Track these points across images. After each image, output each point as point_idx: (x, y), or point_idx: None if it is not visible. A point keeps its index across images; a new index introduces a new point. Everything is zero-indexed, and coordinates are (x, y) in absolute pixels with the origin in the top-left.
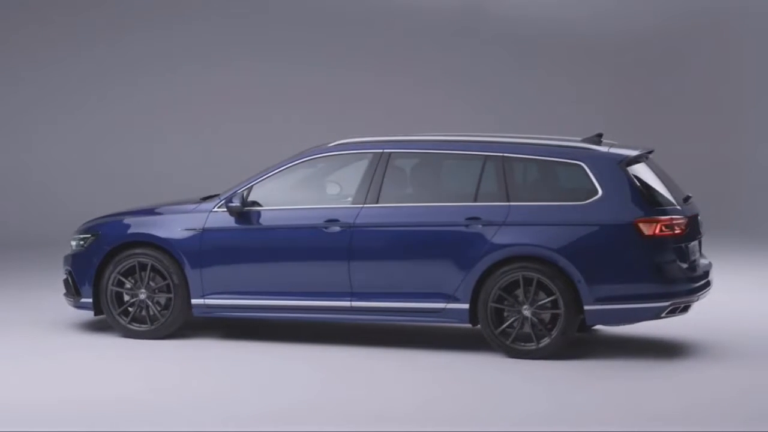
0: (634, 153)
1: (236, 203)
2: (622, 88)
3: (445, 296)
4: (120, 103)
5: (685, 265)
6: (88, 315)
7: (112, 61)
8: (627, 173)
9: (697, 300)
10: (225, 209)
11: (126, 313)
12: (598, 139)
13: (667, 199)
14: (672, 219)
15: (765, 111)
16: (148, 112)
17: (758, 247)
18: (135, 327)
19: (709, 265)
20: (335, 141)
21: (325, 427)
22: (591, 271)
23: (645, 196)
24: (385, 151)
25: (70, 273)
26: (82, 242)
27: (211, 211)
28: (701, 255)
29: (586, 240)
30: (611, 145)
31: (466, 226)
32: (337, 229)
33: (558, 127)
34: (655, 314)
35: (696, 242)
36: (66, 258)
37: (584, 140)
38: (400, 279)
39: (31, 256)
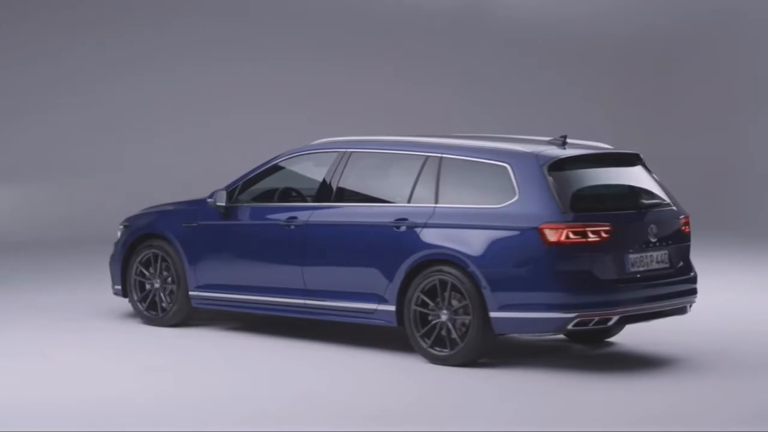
0: (570, 154)
1: (212, 199)
2: (622, 89)
3: (377, 297)
4: (119, 100)
5: (611, 276)
6: (86, 314)
7: (108, 58)
8: (546, 176)
9: (625, 313)
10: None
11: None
12: (561, 140)
13: (604, 204)
14: (586, 225)
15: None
16: (148, 110)
17: (755, 248)
18: (148, 314)
19: (692, 274)
20: (317, 140)
21: (312, 428)
22: (496, 277)
23: (562, 200)
24: (346, 150)
25: (109, 262)
26: (119, 233)
27: (206, 207)
28: (684, 264)
29: (494, 245)
30: (572, 146)
31: (397, 227)
32: (292, 227)
33: (557, 127)
34: (560, 326)
35: (656, 252)
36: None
37: (550, 141)
38: (339, 279)
39: (31, 256)
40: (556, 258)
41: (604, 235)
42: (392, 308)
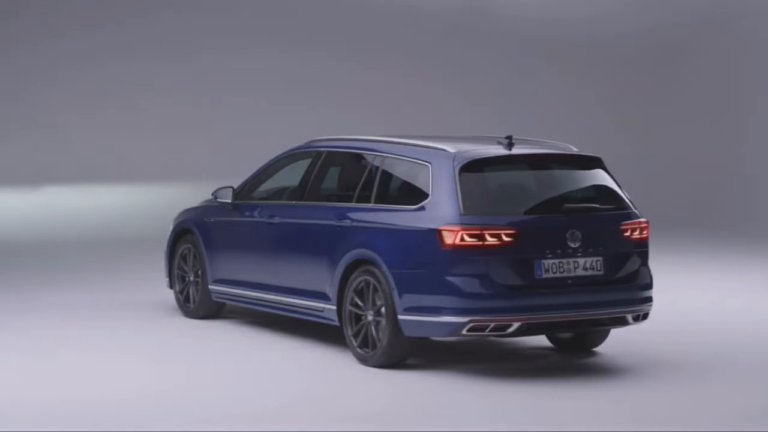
0: (494, 154)
1: (213, 196)
2: (622, 89)
3: (324, 296)
4: (120, 94)
5: (515, 281)
6: (83, 314)
7: (104, 43)
8: (456, 176)
9: (528, 320)
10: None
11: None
12: (507, 140)
13: (520, 208)
14: (483, 228)
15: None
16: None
17: (751, 248)
18: (184, 307)
19: (638, 282)
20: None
21: (308, 428)
22: (402, 279)
23: (468, 202)
24: (320, 149)
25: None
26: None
27: (223, 204)
28: (632, 272)
29: (403, 246)
30: (525, 146)
31: (340, 227)
32: (271, 224)
33: (556, 127)
34: (453, 330)
35: (583, 258)
36: None
37: (498, 141)
38: (298, 276)
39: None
40: (450, 261)
41: (505, 238)
42: (334, 307)
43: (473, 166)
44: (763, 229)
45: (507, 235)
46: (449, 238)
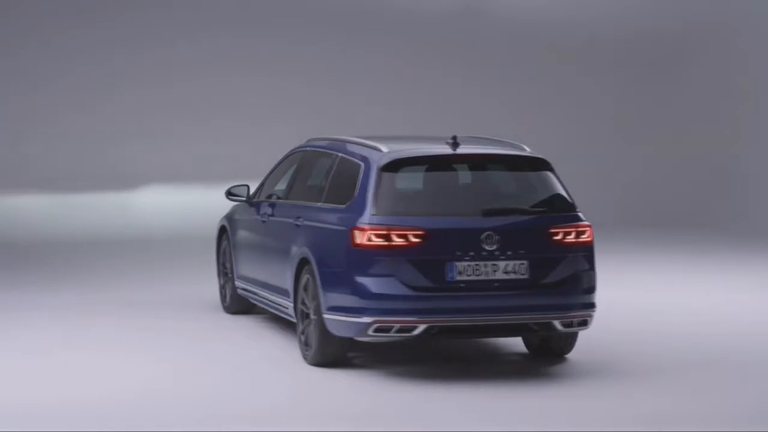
0: (419, 154)
1: (225, 194)
2: (623, 90)
3: (288, 293)
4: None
5: (423, 283)
6: (85, 314)
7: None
8: (376, 176)
9: (436, 323)
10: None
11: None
12: (452, 140)
13: (439, 209)
14: (390, 229)
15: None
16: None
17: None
18: (222, 301)
19: (569, 287)
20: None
21: (297, 428)
22: (325, 278)
23: (383, 202)
24: (306, 149)
25: None
26: None
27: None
28: (565, 277)
29: (327, 245)
30: (457, 145)
31: (297, 225)
32: (264, 222)
33: (553, 127)
34: (360, 330)
35: (504, 261)
36: None
37: (446, 142)
38: (273, 274)
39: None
40: (359, 261)
41: (413, 239)
42: (292, 304)
43: (394, 166)
44: (762, 229)
45: (415, 236)
46: (358, 238)
